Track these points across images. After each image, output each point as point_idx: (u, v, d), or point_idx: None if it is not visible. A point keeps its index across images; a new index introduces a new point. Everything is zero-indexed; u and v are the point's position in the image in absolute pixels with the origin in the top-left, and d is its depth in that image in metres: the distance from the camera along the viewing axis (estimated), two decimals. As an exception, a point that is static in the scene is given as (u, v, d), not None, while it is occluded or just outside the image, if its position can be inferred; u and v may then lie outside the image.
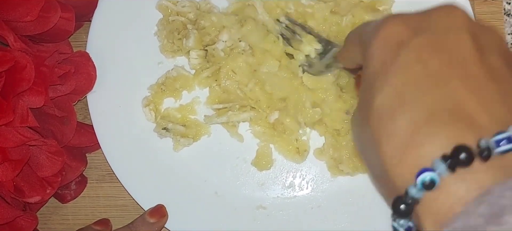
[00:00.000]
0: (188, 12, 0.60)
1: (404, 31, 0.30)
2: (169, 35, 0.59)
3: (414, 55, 0.29)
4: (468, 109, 0.27)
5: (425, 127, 0.27)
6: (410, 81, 0.28)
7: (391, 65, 0.29)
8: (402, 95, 0.28)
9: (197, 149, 0.60)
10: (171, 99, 0.61)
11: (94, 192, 0.62)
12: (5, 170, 0.51)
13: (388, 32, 0.30)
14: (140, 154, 0.60)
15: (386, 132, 0.28)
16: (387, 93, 0.29)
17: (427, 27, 0.30)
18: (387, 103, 0.28)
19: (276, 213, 0.59)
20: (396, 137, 0.27)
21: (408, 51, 0.29)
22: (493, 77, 0.28)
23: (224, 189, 0.60)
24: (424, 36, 0.29)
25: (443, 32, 0.29)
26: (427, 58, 0.29)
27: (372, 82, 0.30)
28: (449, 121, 0.27)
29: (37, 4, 0.52)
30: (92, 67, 0.58)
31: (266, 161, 0.59)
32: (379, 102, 0.29)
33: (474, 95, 0.27)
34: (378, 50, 0.30)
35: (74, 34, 0.59)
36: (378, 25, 0.31)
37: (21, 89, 0.51)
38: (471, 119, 0.27)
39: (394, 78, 0.29)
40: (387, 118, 0.28)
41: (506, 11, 0.62)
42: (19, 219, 0.54)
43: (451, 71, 0.28)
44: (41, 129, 0.53)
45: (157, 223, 0.58)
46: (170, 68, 0.60)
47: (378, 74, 0.30)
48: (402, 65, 0.29)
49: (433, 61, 0.28)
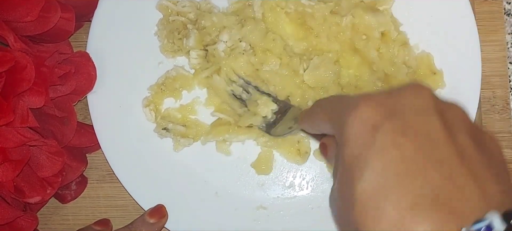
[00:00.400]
0: (188, 12, 0.60)
1: (377, 115, 0.31)
2: (169, 35, 0.59)
3: (390, 139, 0.30)
4: (446, 197, 0.28)
5: (410, 215, 0.28)
6: (389, 167, 0.30)
7: (368, 149, 0.30)
8: (384, 182, 0.29)
9: (198, 149, 0.60)
10: (172, 100, 0.61)
11: (94, 192, 0.62)
12: (5, 170, 0.51)
13: (362, 115, 0.32)
14: (140, 154, 0.60)
15: (372, 219, 0.29)
16: (368, 179, 0.30)
17: (397, 109, 0.31)
18: (369, 189, 0.30)
19: (276, 213, 0.59)
20: (382, 223, 0.29)
21: (384, 135, 0.30)
22: (464, 158, 0.30)
23: (225, 189, 0.60)
24: (397, 120, 0.31)
25: (413, 115, 0.31)
26: (402, 143, 0.30)
27: (351, 166, 0.31)
28: (431, 208, 0.28)
29: (37, 4, 0.52)
30: (92, 67, 0.58)
31: (266, 166, 0.60)
32: (361, 188, 0.30)
33: (450, 182, 0.29)
34: (354, 134, 0.32)
35: (74, 34, 0.59)
36: (351, 107, 0.33)
37: (21, 89, 0.51)
38: (451, 207, 0.28)
39: (373, 163, 0.30)
40: (371, 205, 0.29)
41: (506, 11, 0.62)
42: (20, 220, 0.54)
43: (425, 155, 0.30)
44: (41, 129, 0.53)
45: (157, 223, 0.58)
46: (170, 68, 0.60)
47: (356, 159, 0.31)
48: (379, 149, 0.30)
49: (407, 145, 0.30)
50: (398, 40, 0.58)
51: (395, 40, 0.57)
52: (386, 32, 0.57)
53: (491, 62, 0.60)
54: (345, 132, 0.32)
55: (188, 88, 0.60)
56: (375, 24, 0.57)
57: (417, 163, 0.29)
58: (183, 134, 0.59)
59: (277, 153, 0.60)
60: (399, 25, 0.59)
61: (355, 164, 0.31)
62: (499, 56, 0.60)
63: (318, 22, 0.58)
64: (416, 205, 0.28)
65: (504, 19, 0.61)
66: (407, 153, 0.30)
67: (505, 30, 0.61)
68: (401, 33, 0.58)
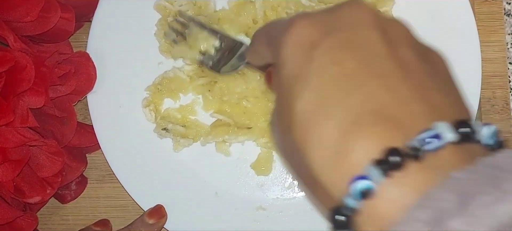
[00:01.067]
0: (185, 10, 0.59)
1: (314, 32, 0.29)
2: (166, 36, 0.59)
3: (328, 57, 0.28)
4: (390, 110, 0.26)
5: (352, 131, 0.26)
6: (328, 84, 0.28)
7: (306, 68, 0.28)
8: (323, 99, 0.27)
9: (197, 150, 0.60)
10: (171, 100, 0.61)
11: (94, 192, 0.62)
12: (5, 170, 0.51)
13: (298, 34, 0.30)
14: (140, 154, 0.60)
15: (312, 139, 0.27)
16: (307, 98, 0.28)
17: (336, 26, 0.29)
18: (308, 109, 0.28)
19: (276, 213, 0.59)
20: (324, 144, 0.27)
21: (322, 53, 0.28)
22: (407, 71, 0.28)
23: (224, 189, 0.60)
24: (335, 36, 0.29)
25: (352, 30, 0.29)
26: (342, 58, 0.28)
27: (289, 87, 0.29)
28: (374, 123, 0.26)
29: (37, 4, 0.52)
30: (92, 67, 0.58)
31: (265, 167, 0.59)
32: (300, 108, 0.28)
33: (394, 95, 0.27)
34: (290, 54, 0.30)
35: (74, 34, 0.59)
36: (286, 27, 0.30)
37: (21, 89, 0.51)
38: (395, 120, 0.26)
39: (312, 82, 0.28)
40: (311, 125, 0.27)
41: (506, 11, 0.62)
42: (19, 220, 0.53)
43: (367, 70, 0.28)
44: (41, 129, 0.53)
45: (156, 223, 0.58)
46: (170, 68, 0.60)
47: (294, 79, 0.29)
48: (318, 67, 0.28)
49: (348, 61, 0.28)
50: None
51: None
52: None
53: (491, 63, 0.60)
54: (281, 53, 0.30)
55: (184, 91, 0.60)
56: None
57: (358, 78, 0.27)
58: (183, 134, 0.59)
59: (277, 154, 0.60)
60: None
61: (293, 84, 0.29)
62: (499, 57, 0.60)
63: None
64: (358, 120, 0.26)
65: (504, 19, 0.61)
66: (347, 68, 0.28)
67: (505, 30, 0.61)
68: None
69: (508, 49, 0.61)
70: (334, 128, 0.26)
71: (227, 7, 0.60)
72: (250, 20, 0.59)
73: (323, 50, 0.28)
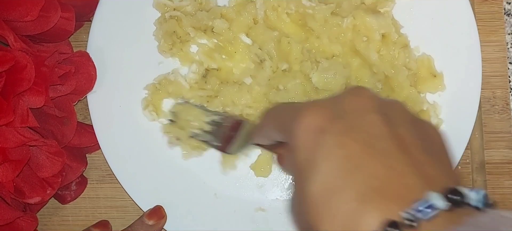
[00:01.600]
0: (186, 5, 0.59)
1: (322, 119, 0.33)
2: (165, 35, 0.59)
3: (335, 141, 0.32)
4: (389, 185, 0.30)
5: (358, 207, 0.30)
6: (336, 167, 0.31)
7: (316, 153, 0.32)
8: (332, 181, 0.31)
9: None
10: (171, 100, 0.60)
11: (94, 192, 0.61)
12: (5, 170, 0.51)
13: (308, 122, 0.34)
14: (140, 155, 0.60)
15: (325, 218, 0.31)
16: (317, 181, 0.32)
17: (341, 112, 0.34)
18: (319, 191, 0.31)
19: (275, 215, 0.59)
20: (335, 220, 0.30)
21: (329, 138, 0.32)
22: (404, 148, 0.32)
23: (223, 190, 0.60)
24: (340, 122, 0.33)
25: (356, 115, 0.33)
26: (346, 142, 0.32)
27: (302, 171, 0.33)
28: (376, 198, 0.30)
29: (37, 3, 0.51)
30: (92, 67, 0.57)
31: (264, 168, 0.59)
32: (311, 190, 0.32)
33: (392, 172, 0.30)
34: (302, 140, 0.34)
35: (74, 34, 0.59)
36: (296, 115, 0.35)
37: (21, 89, 0.51)
38: (393, 194, 0.30)
39: (321, 165, 0.32)
40: (323, 205, 0.31)
41: (506, 11, 0.62)
42: (19, 220, 0.53)
43: (369, 151, 0.31)
44: (41, 129, 0.53)
45: (156, 224, 0.58)
46: (170, 69, 0.60)
47: (306, 163, 0.33)
48: (326, 152, 0.32)
49: (351, 144, 0.32)
50: (399, 43, 0.58)
51: (395, 43, 0.58)
52: (387, 34, 0.57)
53: (491, 63, 0.60)
54: (294, 139, 0.34)
55: (183, 96, 0.60)
56: (376, 26, 0.57)
57: (361, 159, 0.31)
58: (194, 146, 0.59)
59: (277, 156, 0.60)
60: (400, 28, 0.59)
61: (305, 168, 0.33)
62: (499, 57, 0.61)
63: (319, 24, 0.58)
64: (362, 197, 0.30)
65: (504, 19, 0.61)
66: (352, 150, 0.31)
67: (505, 30, 0.61)
68: (401, 35, 0.59)
69: (508, 49, 0.62)
70: (343, 205, 0.30)
71: (228, 5, 0.60)
72: (251, 19, 0.59)
73: (330, 136, 0.32)
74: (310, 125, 0.34)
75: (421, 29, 0.59)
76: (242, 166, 0.60)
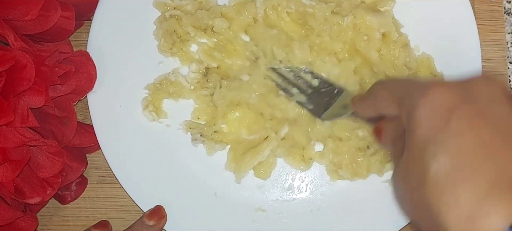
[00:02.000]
0: (186, 4, 0.59)
1: (452, 99, 0.32)
2: (165, 34, 0.59)
3: (465, 123, 0.31)
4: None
5: (488, 198, 0.29)
6: (465, 150, 0.30)
7: (443, 131, 0.31)
8: (460, 163, 0.30)
9: (197, 150, 0.60)
10: (171, 101, 0.60)
11: (94, 193, 0.61)
12: (5, 170, 0.51)
13: (436, 98, 0.32)
14: (140, 155, 0.60)
15: (447, 200, 0.30)
16: (443, 161, 0.31)
17: (472, 96, 0.32)
18: (444, 171, 0.30)
19: (275, 215, 0.59)
20: (460, 207, 0.29)
21: (459, 119, 0.31)
22: None
23: (224, 190, 0.60)
24: (472, 105, 0.32)
25: (487, 102, 0.32)
26: (478, 127, 0.31)
27: (423, 148, 0.32)
28: (508, 192, 0.29)
29: (37, 3, 0.51)
30: (92, 67, 0.57)
31: (265, 171, 0.59)
32: (435, 169, 0.31)
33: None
34: (426, 116, 0.32)
35: (75, 33, 0.59)
36: (421, 91, 0.33)
37: (21, 89, 0.51)
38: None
39: (448, 145, 0.31)
40: (446, 186, 0.30)
41: (506, 10, 0.62)
42: (20, 220, 0.53)
43: (502, 141, 0.30)
44: (41, 129, 0.53)
45: (156, 225, 0.58)
46: (171, 68, 0.60)
47: (429, 141, 0.32)
48: (454, 132, 0.31)
49: (483, 130, 0.31)
50: (399, 42, 0.58)
51: (396, 42, 0.58)
52: (387, 33, 0.58)
53: (491, 62, 0.61)
54: (416, 114, 0.33)
55: (184, 96, 0.60)
56: (376, 25, 0.57)
57: (493, 148, 0.30)
58: (216, 140, 0.59)
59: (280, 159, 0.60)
60: (400, 27, 0.59)
61: (428, 146, 0.31)
62: (499, 56, 0.61)
63: (319, 22, 0.58)
64: (492, 189, 0.29)
65: (504, 18, 0.61)
66: (483, 137, 0.30)
67: (505, 29, 0.61)
68: (402, 34, 0.59)
69: (508, 48, 0.62)
70: (470, 192, 0.29)
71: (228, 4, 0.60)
72: (251, 18, 0.59)
73: (460, 117, 0.31)
74: (437, 102, 0.32)
75: (421, 29, 0.60)
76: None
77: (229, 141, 0.59)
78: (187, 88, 0.59)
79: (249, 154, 0.58)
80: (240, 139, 0.59)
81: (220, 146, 0.59)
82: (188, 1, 0.60)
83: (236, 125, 0.58)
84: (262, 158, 0.58)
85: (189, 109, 0.60)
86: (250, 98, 0.58)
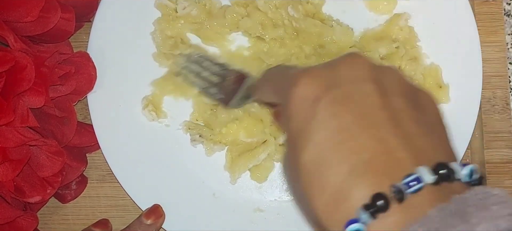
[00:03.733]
0: (190, 10, 0.59)
1: (317, 88, 0.33)
2: (163, 43, 0.59)
3: (329, 111, 0.32)
4: (379, 160, 0.30)
5: (348, 180, 0.30)
6: (328, 137, 0.31)
7: (310, 122, 0.32)
8: (324, 151, 0.31)
9: (196, 150, 0.60)
10: (171, 99, 0.61)
11: (94, 192, 0.62)
12: (5, 170, 0.51)
13: (304, 89, 0.34)
14: (140, 155, 0.60)
15: (315, 187, 0.31)
16: (310, 150, 0.32)
17: (336, 81, 0.33)
18: (312, 160, 0.32)
19: (274, 216, 0.59)
20: (325, 192, 0.30)
21: (323, 107, 0.32)
22: (397, 121, 0.32)
23: (222, 191, 0.60)
24: (335, 91, 0.33)
25: (350, 84, 0.33)
26: (340, 112, 0.32)
27: (296, 140, 0.33)
28: (366, 172, 0.30)
29: (37, 4, 0.52)
30: (92, 67, 0.58)
31: (261, 174, 0.59)
32: (305, 159, 0.32)
33: (383, 145, 0.30)
34: (296, 109, 0.34)
35: (75, 34, 0.59)
36: (293, 82, 0.34)
37: (21, 89, 0.51)
38: (383, 168, 0.30)
39: (315, 135, 0.32)
40: (314, 175, 0.31)
41: (506, 12, 0.62)
42: (20, 219, 0.54)
43: (362, 122, 0.31)
44: (41, 129, 0.53)
45: (154, 224, 0.58)
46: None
47: (300, 132, 0.33)
48: (320, 121, 0.32)
49: (344, 115, 0.32)
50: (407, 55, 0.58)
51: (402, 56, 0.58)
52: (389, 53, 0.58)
53: (491, 63, 0.60)
54: (289, 107, 0.34)
55: (184, 96, 0.60)
56: (383, 53, 0.58)
57: (353, 131, 0.31)
58: (215, 141, 0.59)
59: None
60: (416, 41, 0.59)
61: (299, 137, 0.33)
62: (499, 57, 0.60)
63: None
64: (353, 171, 0.30)
65: (504, 20, 0.61)
66: (344, 122, 0.31)
67: (505, 31, 0.61)
68: (415, 47, 0.59)
69: (508, 49, 0.61)
70: (334, 177, 0.30)
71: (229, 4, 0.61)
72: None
73: (324, 105, 0.32)
74: (304, 94, 0.33)
75: (421, 30, 0.59)
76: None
77: (228, 142, 0.59)
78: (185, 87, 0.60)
79: (245, 156, 0.58)
80: (238, 140, 0.59)
81: (219, 147, 0.59)
82: (191, 8, 0.60)
83: (235, 127, 0.59)
84: (257, 162, 0.58)
85: (188, 110, 0.60)
86: (251, 107, 0.58)
